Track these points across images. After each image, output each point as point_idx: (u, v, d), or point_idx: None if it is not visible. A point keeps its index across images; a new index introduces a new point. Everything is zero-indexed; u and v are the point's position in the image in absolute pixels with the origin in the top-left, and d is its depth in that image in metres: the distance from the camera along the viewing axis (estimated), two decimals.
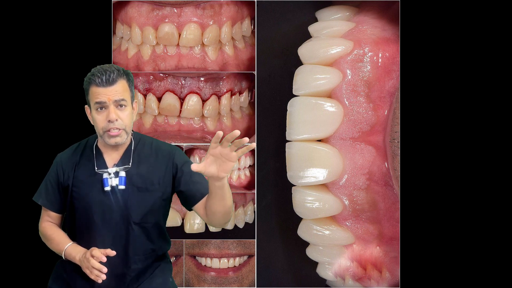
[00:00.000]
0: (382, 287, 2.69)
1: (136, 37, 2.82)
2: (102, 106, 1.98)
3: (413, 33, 2.78)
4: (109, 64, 2.03)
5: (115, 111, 1.98)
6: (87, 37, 2.90)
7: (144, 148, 2.10)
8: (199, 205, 2.05)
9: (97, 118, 1.99)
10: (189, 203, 2.07)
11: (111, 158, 2.07)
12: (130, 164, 2.05)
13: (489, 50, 2.81)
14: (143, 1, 2.80)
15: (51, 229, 2.10)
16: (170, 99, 2.86)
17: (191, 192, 2.05)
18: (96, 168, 2.04)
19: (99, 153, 2.08)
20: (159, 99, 2.88)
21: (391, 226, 2.68)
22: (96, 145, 2.09)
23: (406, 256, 2.73)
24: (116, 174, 2.02)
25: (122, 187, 2.01)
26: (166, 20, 2.80)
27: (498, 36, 2.81)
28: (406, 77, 2.72)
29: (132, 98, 2.05)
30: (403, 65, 2.67)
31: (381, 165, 2.64)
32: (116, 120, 1.97)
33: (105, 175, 2.02)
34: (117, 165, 2.05)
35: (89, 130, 2.14)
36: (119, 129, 1.99)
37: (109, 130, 1.98)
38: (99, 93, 1.97)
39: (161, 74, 2.86)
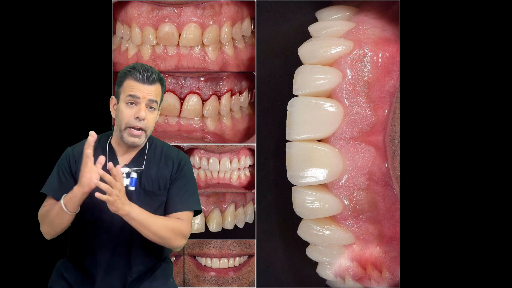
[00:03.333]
0: (382, 287, 2.69)
1: (136, 37, 2.82)
2: (134, 101, 1.97)
3: (413, 33, 2.78)
4: (150, 66, 2.03)
5: (145, 110, 1.98)
6: (87, 37, 2.90)
7: (155, 152, 2.09)
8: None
9: (125, 112, 1.98)
10: (164, 211, 2.08)
11: (123, 158, 2.05)
12: (143, 166, 2.05)
13: (489, 50, 2.81)
14: (143, 1, 2.80)
15: (49, 206, 2.02)
16: (170, 99, 2.86)
17: (168, 202, 2.06)
18: (107, 167, 2.03)
19: (112, 152, 2.06)
20: None
21: (391, 226, 2.68)
22: (110, 143, 2.07)
23: (406, 256, 2.73)
24: (128, 174, 1.99)
25: (132, 188, 1.98)
26: (166, 20, 2.80)
27: (498, 36, 2.81)
28: (406, 77, 2.72)
29: (160, 104, 2.06)
30: (403, 65, 2.67)
31: (381, 165, 2.64)
32: (144, 119, 1.97)
33: None
34: (127, 165, 2.03)
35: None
36: (142, 130, 1.98)
37: (132, 127, 1.97)
38: (135, 87, 1.97)
39: None
